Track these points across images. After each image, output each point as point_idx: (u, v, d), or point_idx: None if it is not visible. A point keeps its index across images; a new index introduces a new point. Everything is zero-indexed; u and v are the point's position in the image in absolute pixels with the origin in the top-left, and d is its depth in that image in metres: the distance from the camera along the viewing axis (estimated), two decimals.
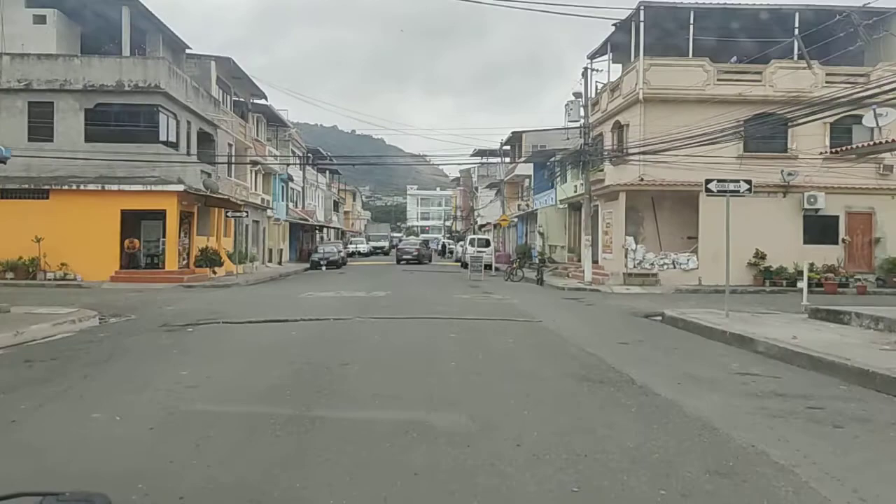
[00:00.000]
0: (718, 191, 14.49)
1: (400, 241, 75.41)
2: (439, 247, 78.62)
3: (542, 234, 41.70)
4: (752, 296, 23.99)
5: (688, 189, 26.89)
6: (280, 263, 43.76)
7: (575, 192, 35.35)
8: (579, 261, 33.59)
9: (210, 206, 29.84)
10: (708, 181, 14.51)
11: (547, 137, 48.09)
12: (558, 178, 40.76)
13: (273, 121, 47.09)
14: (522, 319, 14.33)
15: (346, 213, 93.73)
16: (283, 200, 51.30)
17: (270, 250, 44.75)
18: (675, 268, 26.90)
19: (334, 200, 78.60)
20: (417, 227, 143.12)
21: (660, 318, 16.01)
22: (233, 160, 36.46)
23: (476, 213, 69.73)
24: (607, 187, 27.79)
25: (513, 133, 54.09)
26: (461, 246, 47.45)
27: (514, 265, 31.40)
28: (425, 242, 77.59)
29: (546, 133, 50.50)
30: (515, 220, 49.58)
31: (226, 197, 29.90)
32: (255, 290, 24.19)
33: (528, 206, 48.90)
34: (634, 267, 26.81)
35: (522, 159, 49.86)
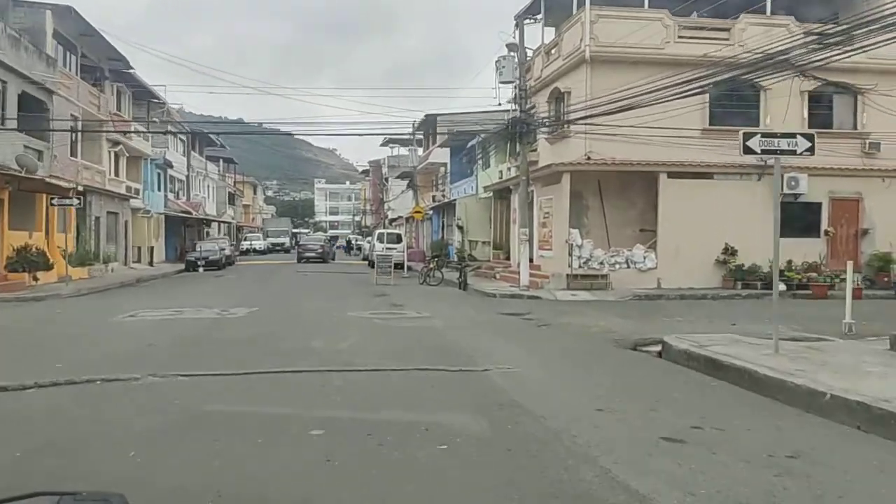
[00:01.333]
0: (764, 150, 8.90)
1: (302, 237, 68.43)
2: (345, 243, 71.69)
3: (461, 228, 36.00)
4: (726, 302, 18.92)
5: (644, 169, 21.65)
6: (151, 264, 36.41)
7: (501, 177, 29.75)
8: (507, 258, 28.01)
9: (29, 192, 22.54)
10: (748, 136, 8.89)
11: (464, 121, 42.40)
12: (480, 163, 35.12)
13: (143, 95, 39.46)
14: (456, 369, 8.35)
15: (245, 206, 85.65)
16: (159, 190, 43.72)
17: (139, 248, 37.27)
18: (629, 267, 21.60)
19: (230, 193, 70.69)
20: (325, 222, 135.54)
21: (657, 349, 10.46)
22: (77, 136, 29.02)
23: (386, 207, 63.49)
24: (546, 168, 22.19)
25: (426, 116, 48.09)
26: (368, 242, 41.21)
27: (431, 265, 25.48)
28: (332, 239, 70.76)
29: (464, 116, 44.82)
30: (430, 212, 43.74)
31: (42, 178, 22.56)
32: (73, 305, 17.38)
33: (444, 196, 43.15)
34: (580, 267, 21.35)
35: (437, 144, 44.07)
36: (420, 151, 61.27)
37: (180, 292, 21.34)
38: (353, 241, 67.16)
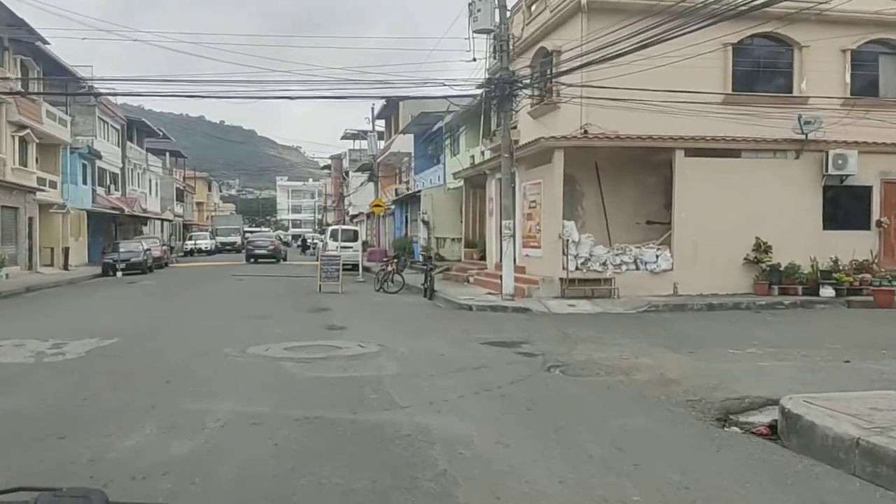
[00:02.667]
0: None
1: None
2: (299, 242, 65.87)
3: (426, 224, 31.16)
4: (772, 315, 14.38)
5: (655, 145, 17.06)
6: (66, 267, 30.90)
7: (473, 162, 24.97)
8: (482, 258, 23.24)
9: None
10: None
11: (429, 106, 37.56)
12: (448, 148, 30.34)
13: (58, 73, 33.86)
14: None
15: (198, 204, 79.72)
16: (85, 184, 38.08)
17: (51, 249, 31.73)
18: (637, 268, 16.97)
19: (178, 188, 64.85)
20: (288, 220, 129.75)
21: (761, 417, 5.85)
22: None
23: (347, 202, 58.37)
24: (533, 145, 17.39)
25: (387, 101, 43.08)
26: (322, 241, 36.12)
27: (389, 267, 20.52)
28: (297, 237, 65.11)
29: (428, 102, 39.97)
30: (393, 207, 38.81)
31: None
32: None
33: (408, 188, 38.29)
34: (577, 269, 16.66)
35: (400, 131, 39.19)
36: (381, 144, 56.27)
37: (57, 308, 16.24)
38: (311, 240, 61.73)
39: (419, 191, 32.12)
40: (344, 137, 62.00)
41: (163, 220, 52.75)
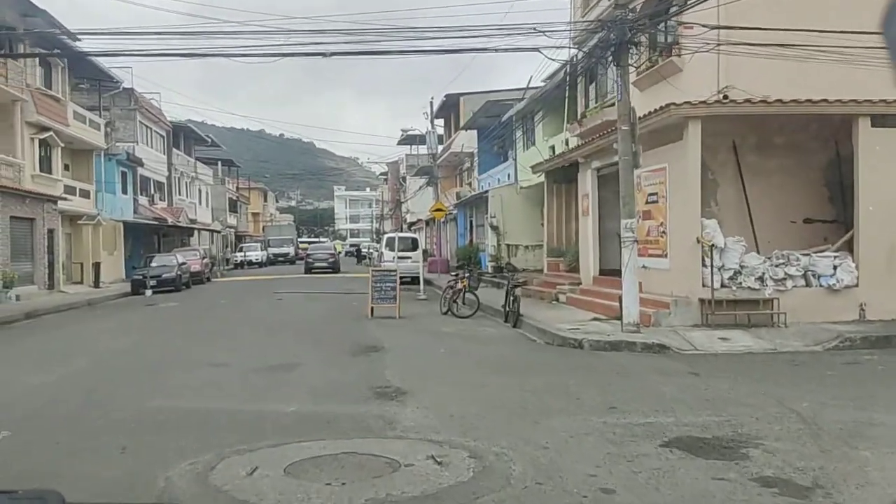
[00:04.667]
0: None
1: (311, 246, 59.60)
2: (354, 251, 61.76)
3: (495, 229, 26.51)
4: None
5: (828, 111, 12.08)
6: (97, 284, 27.34)
7: (554, 153, 20.22)
8: (572, 270, 18.44)
9: None
10: None
11: (494, 97, 32.99)
12: (520, 140, 25.66)
13: (92, 74, 30.53)
14: None
15: (253, 214, 76.86)
16: (126, 193, 34.76)
17: (80, 265, 28.27)
18: (807, 284, 11.98)
19: (231, 199, 61.80)
20: (346, 230, 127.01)
21: None
22: None
23: (404, 209, 54.18)
24: (655, 116, 12.48)
25: (446, 98, 38.74)
26: (377, 251, 31.64)
27: (461, 283, 15.74)
28: (357, 247, 61.21)
29: (493, 95, 35.43)
30: (455, 211, 34.29)
31: None
32: None
33: (471, 189, 33.73)
34: (724, 284, 11.76)
35: (462, 126, 34.72)
36: (439, 148, 51.94)
37: (7, 349, 12.18)
38: (368, 249, 57.70)
39: (486, 191, 27.48)
40: (400, 142, 57.98)
41: (212, 230, 49.41)
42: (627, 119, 11.14)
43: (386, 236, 27.53)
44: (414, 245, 26.99)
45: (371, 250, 51.92)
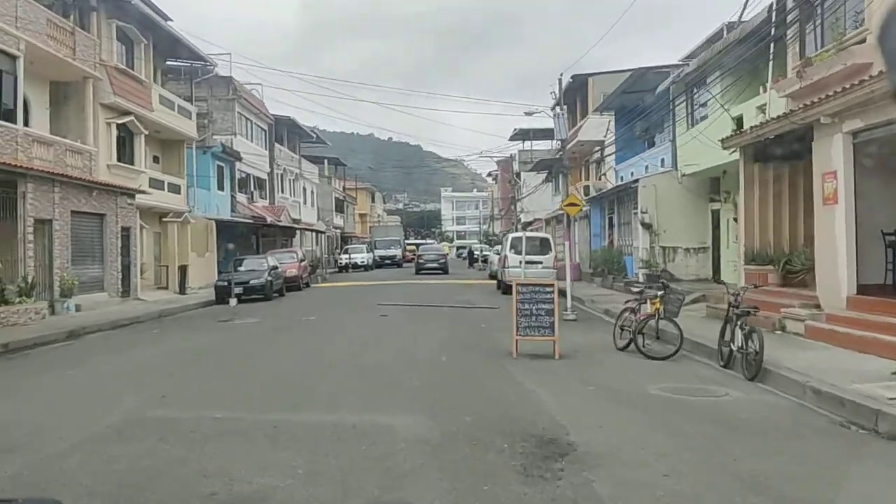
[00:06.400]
0: None
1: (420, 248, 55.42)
2: (466, 254, 57.00)
3: (648, 227, 20.86)
4: None
5: None
6: (182, 290, 23.75)
7: (739, 127, 14.45)
8: (787, 284, 12.64)
9: None
10: None
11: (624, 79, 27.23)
12: (684, 118, 19.90)
13: (181, 54, 27.21)
14: None
15: (360, 215, 73.83)
16: (222, 189, 31.45)
17: (166, 268, 24.81)
18: None
19: (338, 198, 58.59)
20: (452, 232, 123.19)
21: None
22: (17, 86, 16.61)
23: (518, 208, 48.93)
24: None
25: (573, 79, 33.19)
26: (496, 253, 26.44)
27: (653, 307, 10.05)
28: (469, 249, 56.79)
29: (622, 76, 29.63)
30: (586, 207, 28.70)
31: None
32: None
33: (606, 182, 28.08)
34: None
35: (597, 108, 29.24)
36: (551, 145, 46.36)
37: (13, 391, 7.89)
38: (480, 252, 52.80)
39: (634, 182, 21.80)
40: (513, 138, 52.84)
41: (316, 231, 45.93)
42: None
43: (510, 236, 22.35)
44: (545, 247, 21.69)
45: (485, 252, 46.94)
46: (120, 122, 21.64)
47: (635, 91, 23.89)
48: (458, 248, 78.21)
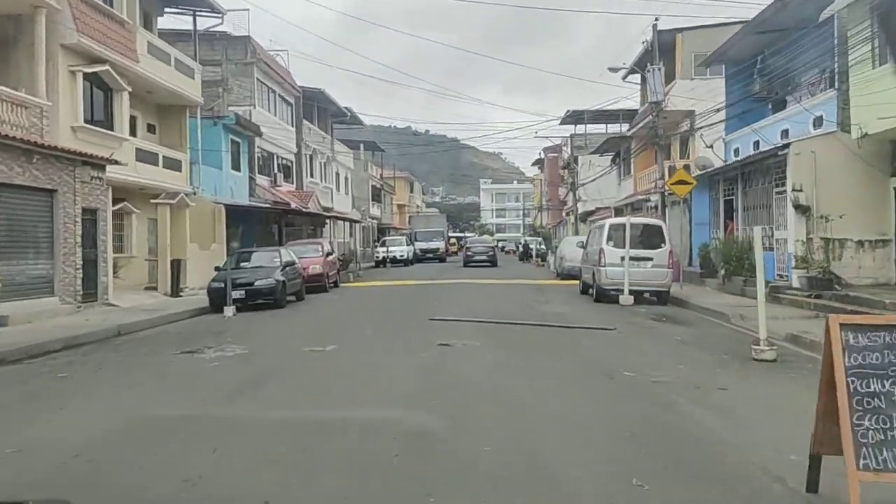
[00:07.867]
0: None
1: (466, 241, 49.53)
2: (517, 248, 51.44)
3: (803, 211, 14.67)
4: None
5: None
6: (177, 292, 18.28)
7: None
8: None
9: None
10: None
11: (723, 35, 20.96)
12: (858, 62, 13.62)
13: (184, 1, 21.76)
14: None
15: (398, 206, 68.30)
16: (237, 169, 26.02)
17: (154, 262, 19.35)
18: None
19: (374, 186, 53.02)
20: (491, 224, 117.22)
21: None
22: None
23: (577, 196, 42.65)
24: None
25: (658, 33, 26.86)
26: (580, 245, 20.27)
27: None
28: (524, 243, 51.44)
29: (721, 31, 23.33)
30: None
31: None
32: None
33: (713, 155, 21.76)
34: None
35: (703, 63, 23.12)
36: (622, 126, 39.99)
37: None
38: (536, 246, 46.72)
39: (781, 148, 15.49)
40: (564, 121, 46.64)
41: (350, 220, 40.35)
42: None
43: (608, 223, 16.02)
44: (657, 238, 15.58)
45: (540, 247, 40.86)
46: (89, 70, 16.16)
47: (766, 32, 17.64)
48: (498, 241, 72.56)
